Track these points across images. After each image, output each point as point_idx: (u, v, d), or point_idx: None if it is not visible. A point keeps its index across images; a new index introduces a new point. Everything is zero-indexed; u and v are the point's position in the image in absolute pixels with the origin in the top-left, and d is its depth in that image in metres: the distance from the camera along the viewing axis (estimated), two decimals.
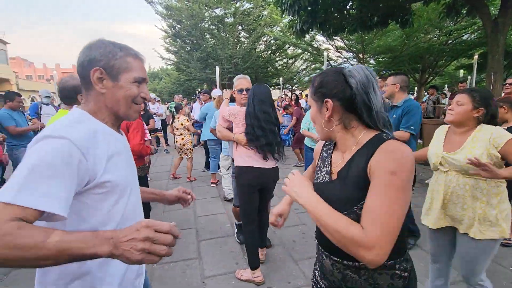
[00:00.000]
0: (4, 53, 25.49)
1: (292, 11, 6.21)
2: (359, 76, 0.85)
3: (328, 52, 13.95)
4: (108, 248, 0.63)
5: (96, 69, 0.84)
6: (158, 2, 15.42)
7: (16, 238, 0.59)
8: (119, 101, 0.87)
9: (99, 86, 0.85)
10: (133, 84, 0.88)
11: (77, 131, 0.77)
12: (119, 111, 0.89)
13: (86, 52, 0.85)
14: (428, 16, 9.60)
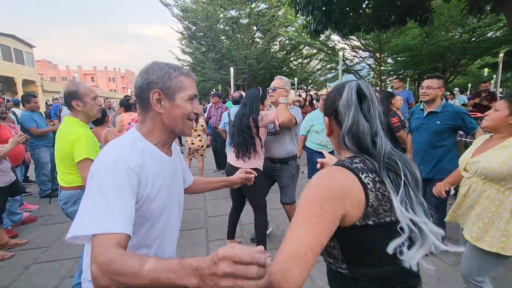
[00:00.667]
0: (31, 56, 26.78)
1: (306, 11, 6.14)
2: (344, 95, 0.81)
3: (344, 52, 13.73)
4: (196, 280, 0.59)
5: (155, 91, 0.89)
6: (175, 4, 15.71)
7: (118, 264, 0.65)
8: (176, 119, 0.92)
9: (158, 107, 0.90)
10: (187, 102, 0.92)
11: (130, 155, 0.84)
12: (176, 128, 0.94)
13: (144, 75, 0.91)
14: (449, 13, 9.25)
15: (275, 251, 2.18)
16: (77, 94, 1.90)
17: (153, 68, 0.90)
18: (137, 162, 0.83)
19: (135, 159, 0.83)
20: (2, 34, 22.57)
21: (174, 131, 0.95)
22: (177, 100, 0.91)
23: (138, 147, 0.88)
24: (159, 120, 0.92)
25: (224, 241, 3.03)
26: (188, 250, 2.86)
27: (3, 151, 2.69)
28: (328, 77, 20.54)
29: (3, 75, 21.87)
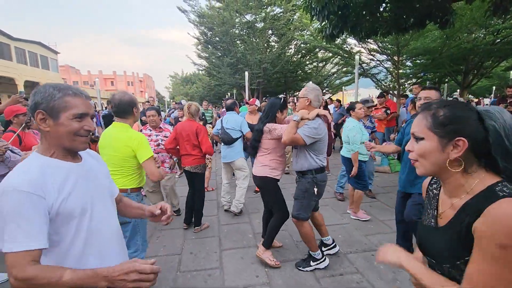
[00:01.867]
0: (55, 62, 28.04)
1: (322, 16, 6.06)
2: (501, 120, 0.77)
3: (360, 55, 13.49)
4: (106, 284, 0.90)
5: (38, 112, 0.97)
6: (191, 10, 16.01)
7: (39, 280, 0.85)
8: (62, 136, 1.00)
9: (42, 125, 0.98)
10: (73, 120, 0.99)
11: (25, 176, 0.92)
12: (64, 144, 1.02)
13: (32, 97, 0.99)
14: (471, 14, 8.90)
15: (289, 263, 2.14)
16: (136, 102, 2.15)
17: (39, 90, 0.99)
18: (30, 181, 0.91)
19: (29, 180, 0.91)
20: (29, 42, 23.78)
21: (65, 147, 1.02)
22: (61, 119, 0.98)
23: (34, 165, 0.96)
24: (48, 138, 1.01)
25: (237, 250, 3.03)
26: (201, 259, 2.87)
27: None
28: (343, 80, 20.25)
29: (30, 80, 23.01)
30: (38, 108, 0.97)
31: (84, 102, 1.03)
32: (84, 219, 1.02)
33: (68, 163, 1.04)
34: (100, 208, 1.10)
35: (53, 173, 0.98)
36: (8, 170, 2.65)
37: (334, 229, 3.45)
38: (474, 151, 0.79)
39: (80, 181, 1.04)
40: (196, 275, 2.60)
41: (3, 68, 20.45)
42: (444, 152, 0.81)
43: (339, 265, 2.68)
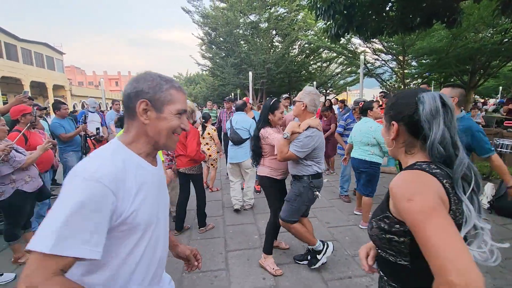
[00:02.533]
0: (61, 63, 28.27)
1: (327, 15, 6.00)
2: (429, 105, 0.83)
3: (365, 55, 13.39)
4: None
5: (142, 101, 0.86)
6: (195, 11, 16.03)
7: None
8: (161, 131, 0.89)
9: (143, 117, 0.87)
10: (175, 116, 0.90)
11: (109, 168, 0.78)
12: (160, 141, 0.91)
13: (134, 84, 0.88)
14: (479, 14, 8.78)
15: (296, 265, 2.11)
16: None
17: (145, 78, 0.88)
18: (114, 176, 0.77)
19: (112, 173, 0.77)
20: (35, 42, 24.00)
21: (158, 144, 0.92)
22: (165, 112, 0.88)
23: (118, 158, 0.83)
24: (143, 131, 0.89)
25: (243, 251, 2.99)
26: (206, 260, 2.84)
27: (32, 158, 2.80)
28: (348, 80, 20.14)
29: (36, 80, 23.22)
30: (142, 96, 0.86)
31: (185, 99, 0.96)
32: (145, 235, 0.88)
33: (149, 165, 0.93)
34: (161, 225, 0.97)
35: (135, 174, 0.85)
36: (13, 170, 2.65)
37: (341, 230, 3.40)
38: (413, 134, 0.87)
39: (152, 190, 0.91)
40: (202, 277, 2.56)
41: (10, 68, 20.66)
42: (389, 134, 0.94)
43: (347, 268, 2.63)
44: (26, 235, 3.02)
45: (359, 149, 3.60)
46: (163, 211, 0.99)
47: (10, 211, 2.76)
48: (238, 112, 4.11)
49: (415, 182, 0.79)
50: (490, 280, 2.40)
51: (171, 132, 0.91)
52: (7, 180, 2.67)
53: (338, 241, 3.16)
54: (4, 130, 2.76)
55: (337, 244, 3.08)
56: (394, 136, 0.92)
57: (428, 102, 0.83)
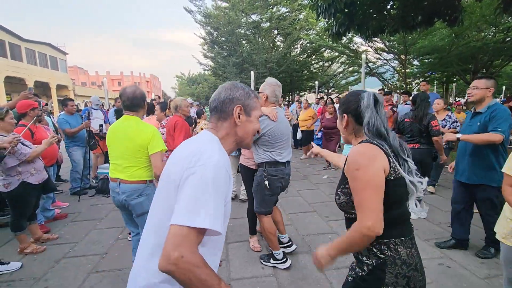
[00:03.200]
0: (64, 63, 28.51)
1: (328, 14, 6.03)
2: (366, 100, 1.12)
3: (367, 54, 13.40)
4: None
5: (239, 106, 1.01)
6: (197, 11, 16.11)
7: (202, 273, 0.73)
8: (248, 132, 1.05)
9: (238, 120, 1.01)
10: (257, 119, 1.08)
11: (224, 157, 0.92)
12: (245, 140, 1.06)
13: (228, 91, 1.03)
14: (481, 12, 8.77)
15: (294, 256, 2.16)
16: (146, 95, 2.24)
17: (237, 87, 1.04)
18: (229, 164, 0.93)
19: (227, 162, 0.92)
20: (39, 43, 24.23)
21: (242, 143, 1.06)
22: (252, 116, 1.05)
23: (223, 151, 0.97)
24: (233, 131, 1.03)
25: (243, 243, 3.05)
26: None
27: (37, 151, 2.88)
28: (350, 80, 20.14)
29: (39, 80, 23.44)
30: (236, 102, 1.01)
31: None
32: (226, 220, 1.00)
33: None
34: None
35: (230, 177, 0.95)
36: (19, 162, 2.72)
37: (340, 223, 3.44)
38: (358, 122, 1.15)
39: None
40: None
41: (14, 68, 20.89)
42: (341, 123, 1.22)
43: (344, 258, 2.66)
44: (31, 227, 3.10)
45: None
46: None
47: (16, 203, 2.83)
48: None
49: (364, 154, 1.05)
50: (486, 271, 2.44)
51: (253, 134, 1.07)
52: (13, 172, 2.75)
53: (337, 233, 3.20)
54: (12, 123, 2.84)
55: (336, 237, 3.13)
56: (345, 125, 1.20)
57: (366, 98, 1.12)
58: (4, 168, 2.68)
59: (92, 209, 4.12)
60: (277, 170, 2.47)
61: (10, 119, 2.81)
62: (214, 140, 0.98)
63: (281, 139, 2.47)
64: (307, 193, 4.64)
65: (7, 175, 2.73)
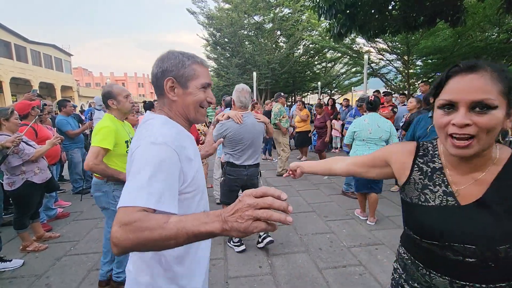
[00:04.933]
0: (69, 64, 28.79)
1: (329, 14, 6.04)
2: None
3: (370, 55, 13.37)
4: (219, 224, 0.61)
5: (168, 79, 0.92)
6: (200, 12, 16.21)
7: (143, 222, 0.65)
8: (189, 106, 0.95)
9: (171, 94, 0.93)
10: (200, 90, 0.95)
11: (170, 134, 0.85)
12: (189, 115, 0.97)
13: (159, 64, 0.93)
14: (484, 12, 8.72)
15: (292, 255, 2.19)
16: (112, 93, 2.16)
17: (168, 57, 0.93)
18: (175, 139, 0.85)
19: (172, 137, 0.84)
20: (44, 44, 24.50)
21: (188, 118, 0.97)
22: (190, 87, 0.93)
23: (172, 128, 0.91)
24: (174, 107, 0.95)
25: (243, 240, 3.07)
26: None
27: (41, 151, 2.93)
28: (353, 80, 20.09)
29: (44, 81, 23.70)
30: (167, 75, 0.91)
31: (208, 72, 0.99)
32: (202, 197, 0.98)
33: (190, 134, 1.00)
34: (205, 197, 1.05)
35: (186, 141, 0.92)
36: (22, 161, 2.78)
37: (338, 224, 3.45)
38: None
39: (198, 155, 1.01)
40: None
41: (20, 70, 21.13)
42: (507, 121, 0.70)
43: (342, 258, 2.69)
44: (33, 225, 3.15)
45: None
46: (203, 183, 1.05)
47: (19, 201, 2.89)
48: (228, 108, 4.21)
49: None
50: None
51: (198, 106, 0.96)
52: (17, 171, 2.80)
53: (335, 233, 3.21)
54: (17, 123, 2.90)
55: (334, 236, 3.14)
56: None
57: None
58: (9, 167, 2.74)
59: (93, 208, 4.17)
60: (234, 171, 2.74)
61: (15, 120, 2.87)
62: (158, 119, 0.92)
63: (240, 142, 2.65)
64: (306, 193, 4.65)
65: (12, 174, 2.79)
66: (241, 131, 2.62)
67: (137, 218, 0.66)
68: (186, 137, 0.95)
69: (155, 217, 0.66)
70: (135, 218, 0.66)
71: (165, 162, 0.78)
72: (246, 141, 2.66)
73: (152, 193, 0.72)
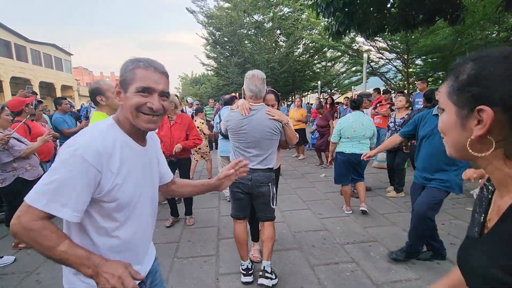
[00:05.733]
0: (69, 63, 28.82)
1: (328, 12, 6.00)
2: None
3: (369, 54, 13.32)
4: (90, 273, 0.81)
5: (116, 84, 0.96)
6: (200, 11, 16.20)
7: (38, 237, 0.80)
8: (127, 111, 0.92)
9: (117, 99, 0.95)
10: (136, 94, 0.90)
11: (98, 146, 0.86)
12: (131, 120, 0.93)
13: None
14: (484, 11, 8.67)
15: (284, 252, 2.16)
16: (100, 89, 2.11)
17: (124, 63, 0.95)
18: (99, 153, 0.85)
19: (97, 151, 0.85)
20: (44, 44, 24.53)
21: (132, 123, 0.94)
22: (128, 92, 0.91)
23: (111, 134, 0.91)
24: (122, 112, 0.95)
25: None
26: (198, 247, 2.91)
27: (32, 148, 2.91)
28: (353, 80, 20.02)
29: (44, 81, 23.73)
30: (119, 80, 0.94)
31: (153, 75, 0.91)
32: (126, 210, 0.95)
33: (136, 144, 0.97)
34: (147, 206, 1.04)
35: (121, 151, 0.91)
36: (12, 158, 2.76)
37: (333, 221, 3.43)
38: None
39: (136, 169, 0.96)
40: (192, 261, 2.63)
41: (20, 69, 21.17)
42: (465, 128, 0.55)
43: (334, 255, 2.67)
44: None
45: (359, 144, 3.49)
46: (149, 191, 1.04)
47: (11, 198, 2.88)
48: (227, 106, 4.17)
49: None
50: None
51: (134, 111, 0.90)
52: (8, 167, 2.79)
53: (329, 230, 3.19)
54: (7, 119, 2.89)
55: (328, 233, 3.12)
56: (485, 130, 0.51)
57: None
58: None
59: None
60: None
61: (6, 116, 2.86)
62: (103, 123, 0.94)
63: (241, 139, 2.17)
64: (302, 191, 4.63)
65: (2, 171, 2.77)
66: (243, 125, 2.13)
67: (36, 228, 0.79)
68: (125, 147, 0.93)
69: (50, 237, 0.81)
70: (34, 227, 0.79)
71: (75, 175, 0.82)
72: (249, 138, 2.15)
73: (53, 200, 0.81)
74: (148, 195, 1.04)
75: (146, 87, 0.90)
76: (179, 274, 2.45)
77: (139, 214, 1.00)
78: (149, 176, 1.04)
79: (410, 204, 3.90)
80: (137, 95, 0.90)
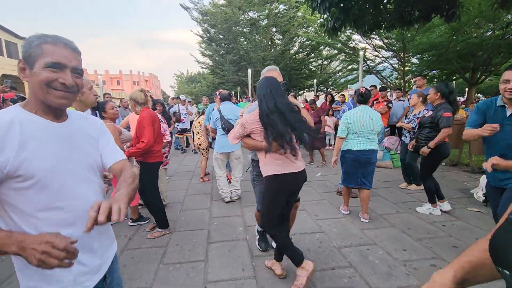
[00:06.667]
0: None
1: (323, 8, 5.87)
2: None
3: (365, 52, 13.24)
4: (16, 249, 0.76)
5: (19, 61, 0.90)
6: (194, 8, 15.96)
7: None
8: (35, 87, 0.89)
9: (21, 75, 0.91)
10: (45, 69, 0.87)
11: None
12: (41, 97, 0.90)
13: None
14: (479, 8, 8.61)
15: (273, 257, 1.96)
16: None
17: (26, 38, 0.90)
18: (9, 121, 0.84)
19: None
20: None
21: (41, 100, 0.90)
22: (35, 67, 0.87)
23: (7, 113, 0.87)
24: (31, 90, 0.91)
25: (225, 243, 2.89)
26: (186, 251, 2.74)
27: None
28: (349, 78, 19.95)
29: None
30: (21, 57, 0.90)
31: (64, 51, 0.89)
32: (46, 189, 0.88)
33: (45, 120, 0.92)
34: (77, 180, 0.96)
35: (22, 127, 0.86)
36: None
37: (329, 223, 3.28)
38: None
39: (52, 144, 0.91)
40: (179, 268, 2.46)
41: (11, 66, 20.68)
42: None
43: (331, 259, 2.52)
44: None
45: (368, 140, 3.25)
46: (76, 169, 0.97)
47: None
48: (226, 102, 4.05)
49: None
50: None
51: (44, 86, 0.88)
52: None
53: (325, 233, 3.04)
54: None
55: (324, 236, 2.97)
56: None
57: None
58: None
59: None
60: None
61: None
62: (12, 107, 0.93)
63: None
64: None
65: None
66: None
67: None
68: (27, 124, 0.88)
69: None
70: None
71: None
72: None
73: None
74: (77, 171, 0.97)
75: (56, 62, 0.88)
76: (163, 282, 2.27)
77: (69, 191, 0.93)
78: (73, 151, 0.97)
79: (409, 204, 3.80)
80: (46, 70, 0.87)
